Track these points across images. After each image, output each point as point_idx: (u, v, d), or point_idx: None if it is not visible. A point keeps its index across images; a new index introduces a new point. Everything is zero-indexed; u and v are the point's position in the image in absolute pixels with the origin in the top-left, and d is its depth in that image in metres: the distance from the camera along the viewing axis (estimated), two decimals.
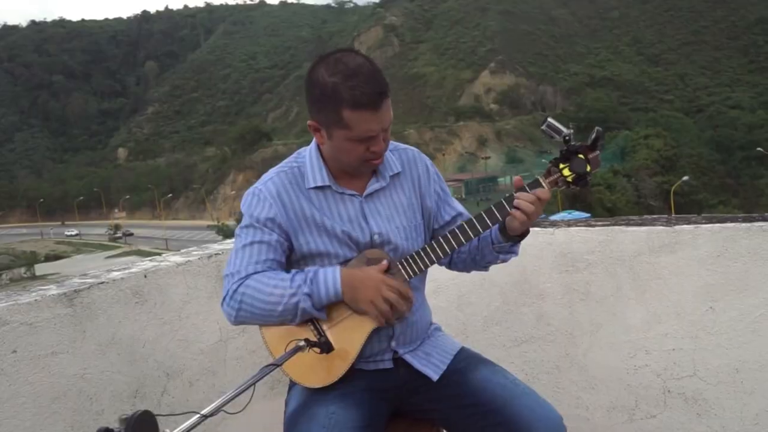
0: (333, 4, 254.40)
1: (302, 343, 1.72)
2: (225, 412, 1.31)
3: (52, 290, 2.40)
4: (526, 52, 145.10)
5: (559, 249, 2.83)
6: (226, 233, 68.42)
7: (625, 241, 2.72)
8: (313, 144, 2.05)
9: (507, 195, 1.97)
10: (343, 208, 2.01)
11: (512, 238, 2.01)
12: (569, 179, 1.93)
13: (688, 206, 65.96)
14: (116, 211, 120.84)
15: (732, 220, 2.59)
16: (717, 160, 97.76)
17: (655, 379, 2.72)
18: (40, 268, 72.67)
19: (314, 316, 1.91)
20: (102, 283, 2.50)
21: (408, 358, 2.06)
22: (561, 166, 1.93)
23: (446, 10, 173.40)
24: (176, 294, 2.76)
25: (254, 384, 1.42)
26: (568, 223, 2.90)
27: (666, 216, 2.84)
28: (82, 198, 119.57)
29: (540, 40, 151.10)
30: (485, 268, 2.18)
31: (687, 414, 2.68)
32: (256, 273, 1.92)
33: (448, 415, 2.04)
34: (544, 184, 1.95)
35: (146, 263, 2.83)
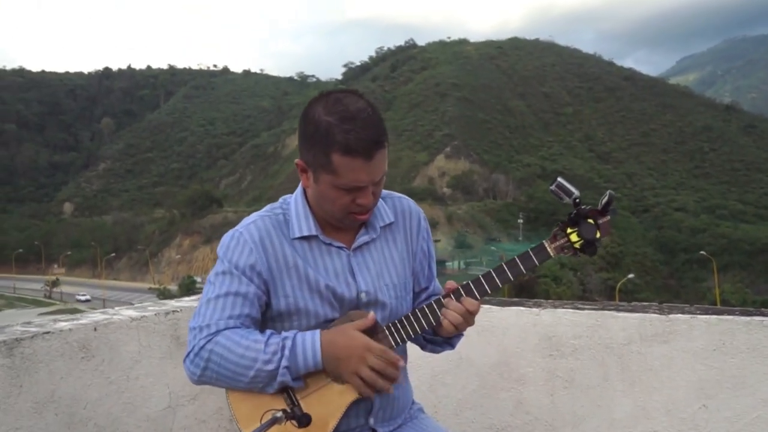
0: (296, 78, 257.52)
1: (279, 414, 1.50)
2: None
3: None
4: (481, 140, 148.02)
5: (544, 331, 2.66)
6: (167, 297, 66.88)
7: (615, 327, 2.56)
8: (299, 190, 1.88)
9: (436, 299, 1.84)
10: (329, 261, 1.83)
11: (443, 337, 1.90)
12: (576, 245, 1.79)
13: None
14: (55, 266, 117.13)
15: (729, 313, 2.46)
16: (660, 260, 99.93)
17: None
18: None
19: (290, 386, 1.70)
20: (47, 333, 2.25)
21: None
22: (569, 230, 1.80)
23: (406, 92, 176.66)
24: (127, 352, 2.51)
25: None
26: (554, 304, 2.74)
27: (658, 304, 2.71)
28: (20, 250, 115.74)
29: (496, 129, 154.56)
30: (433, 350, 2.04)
31: None
32: (227, 329, 1.71)
33: None
34: (549, 250, 1.80)
35: (97, 315, 2.57)
